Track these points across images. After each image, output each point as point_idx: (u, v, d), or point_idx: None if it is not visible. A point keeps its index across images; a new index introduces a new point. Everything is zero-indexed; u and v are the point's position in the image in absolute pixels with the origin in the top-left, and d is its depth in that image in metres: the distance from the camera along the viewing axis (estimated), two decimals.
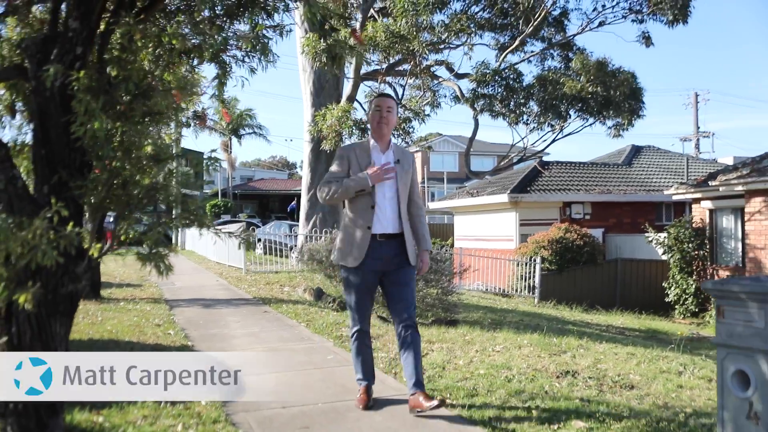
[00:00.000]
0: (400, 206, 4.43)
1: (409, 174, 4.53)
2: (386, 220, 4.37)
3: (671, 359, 6.90)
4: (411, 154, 4.68)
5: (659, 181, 24.44)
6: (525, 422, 4.22)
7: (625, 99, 14.34)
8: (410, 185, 4.55)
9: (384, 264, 4.36)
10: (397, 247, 4.40)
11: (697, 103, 43.95)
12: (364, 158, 4.44)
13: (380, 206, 4.36)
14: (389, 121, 4.49)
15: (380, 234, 4.35)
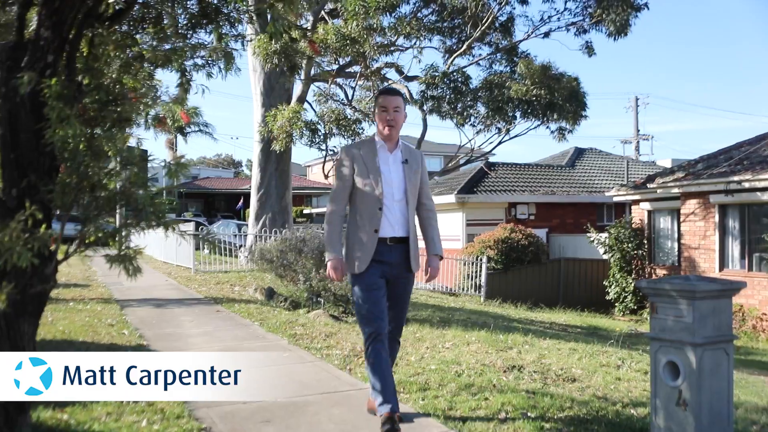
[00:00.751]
0: (409, 209, 4.18)
1: (417, 174, 4.25)
2: (395, 224, 4.13)
3: (611, 354, 7.27)
4: (419, 153, 4.40)
5: (601, 182, 25.19)
6: (475, 413, 4.49)
7: (569, 102, 14.81)
8: (419, 186, 4.29)
9: (390, 270, 4.14)
10: (404, 252, 4.18)
11: (638, 107, 45.36)
12: (370, 159, 4.17)
13: (389, 208, 4.12)
14: (397, 121, 4.20)
15: (390, 238, 4.12)
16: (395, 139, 4.25)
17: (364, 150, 4.22)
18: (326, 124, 16.17)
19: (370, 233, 4.09)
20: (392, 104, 4.20)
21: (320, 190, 51.22)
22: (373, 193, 4.11)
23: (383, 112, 4.20)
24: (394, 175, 4.17)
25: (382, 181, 4.11)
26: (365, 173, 4.14)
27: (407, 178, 4.18)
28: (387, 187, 4.12)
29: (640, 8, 14.36)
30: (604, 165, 27.80)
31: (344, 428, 4.21)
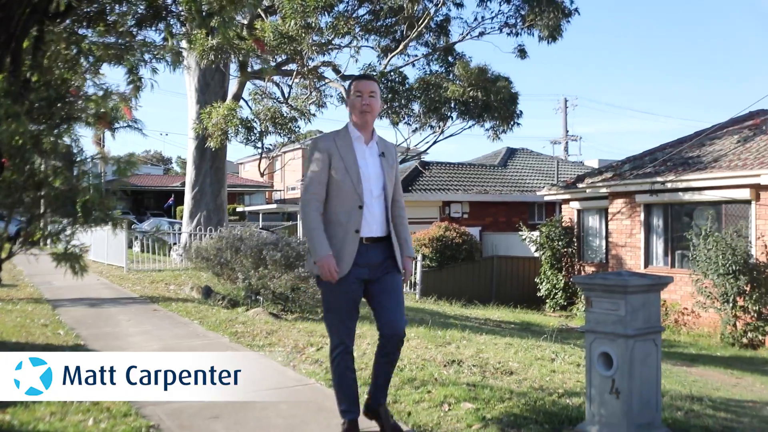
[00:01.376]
0: (387, 205, 3.87)
1: (393, 170, 3.94)
2: (374, 222, 3.81)
3: (544, 348, 7.54)
4: (394, 147, 4.10)
5: (532, 182, 25.81)
6: (419, 405, 4.63)
7: (503, 104, 15.19)
8: (395, 182, 4.00)
9: (371, 271, 3.82)
10: (385, 250, 3.87)
11: (566, 109, 46.53)
12: (347, 152, 3.80)
13: (368, 206, 3.78)
14: (373, 107, 3.86)
15: (367, 237, 3.79)
16: (371, 129, 3.92)
17: (339, 142, 3.83)
18: (262, 122, 16.12)
19: (351, 233, 3.73)
20: (367, 89, 3.85)
21: (253, 188, 50.79)
22: (352, 189, 3.75)
23: (358, 98, 3.84)
24: (372, 169, 3.83)
25: (360, 176, 3.77)
26: (342, 167, 3.76)
27: (385, 172, 3.86)
28: (365, 183, 3.77)
29: (570, 13, 14.83)
30: (535, 165, 28.50)
31: (292, 422, 4.29)
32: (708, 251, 12.75)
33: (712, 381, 7.10)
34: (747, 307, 12.46)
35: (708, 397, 5.66)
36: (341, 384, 3.93)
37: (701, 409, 5.07)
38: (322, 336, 7.35)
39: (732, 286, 12.44)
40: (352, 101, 3.88)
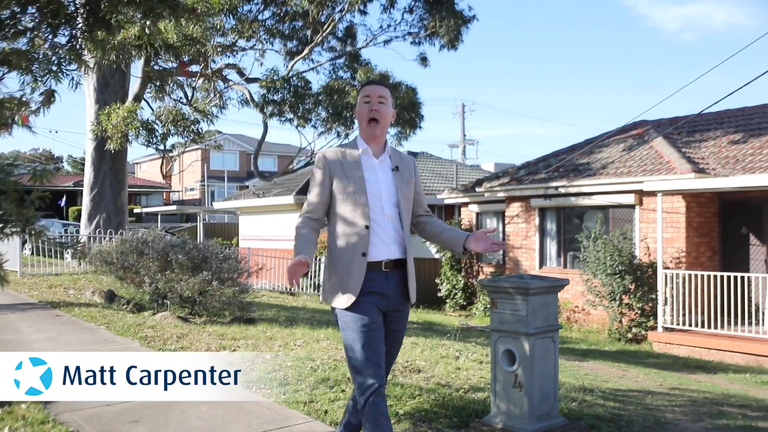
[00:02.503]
0: (403, 226, 3.43)
1: (411, 184, 3.52)
2: (387, 244, 3.37)
3: (448, 346, 7.91)
4: (412, 159, 3.64)
5: (432, 185, 26.43)
6: (335, 403, 4.85)
7: (406, 110, 15.59)
8: (416, 197, 3.60)
9: (386, 302, 3.37)
10: (401, 279, 3.45)
11: (464, 113, 47.73)
12: (352, 169, 3.39)
13: (379, 225, 3.35)
14: (383, 115, 3.44)
15: (385, 262, 3.36)
16: (381, 140, 3.49)
17: (344, 156, 3.42)
18: (164, 124, 15.90)
19: (357, 257, 3.29)
20: (376, 93, 3.45)
21: (150, 189, 49.53)
22: (357, 208, 3.34)
23: (365, 104, 3.44)
24: (383, 185, 3.40)
25: (367, 193, 3.35)
26: (346, 184, 3.36)
27: (399, 188, 3.42)
28: (374, 200, 3.35)
29: (469, 20, 15.37)
30: (435, 168, 29.18)
31: (214, 423, 4.42)
32: (597, 252, 13.54)
33: (602, 374, 7.65)
34: (632, 305, 13.32)
35: (598, 388, 6.15)
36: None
37: (593, 399, 5.53)
38: (233, 339, 7.47)
39: (618, 285, 13.26)
40: (359, 109, 3.47)
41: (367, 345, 3.24)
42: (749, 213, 13.39)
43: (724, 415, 5.48)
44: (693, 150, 14.76)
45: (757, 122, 15.28)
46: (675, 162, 13.63)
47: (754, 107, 16.25)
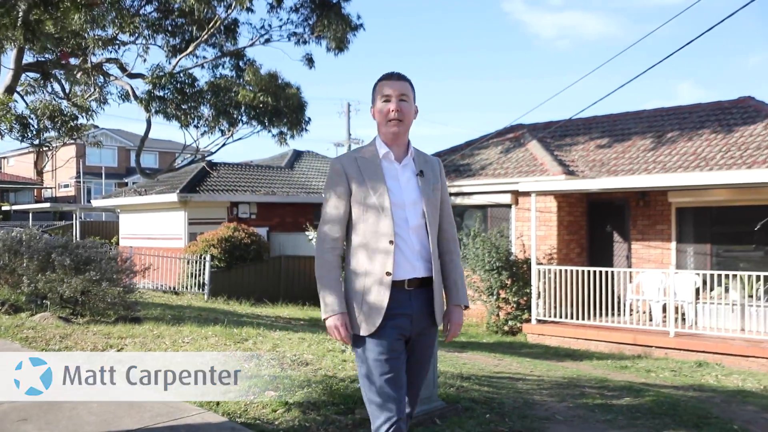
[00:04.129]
0: (430, 238, 3.01)
1: (438, 191, 3.10)
2: (414, 260, 2.97)
3: (334, 342, 8.19)
4: (437, 161, 3.22)
5: (318, 183, 26.67)
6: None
7: (293, 110, 15.75)
8: (441, 206, 3.15)
9: (410, 325, 2.98)
10: (427, 299, 3.01)
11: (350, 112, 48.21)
12: (373, 176, 2.99)
13: (403, 240, 2.96)
14: (405, 114, 3.05)
15: (408, 280, 2.96)
16: (404, 142, 3.11)
17: (362, 161, 3.04)
18: (39, 119, 15.33)
19: (381, 277, 2.91)
20: (398, 90, 3.04)
21: (20, 185, 47.11)
22: (380, 220, 2.95)
23: (385, 103, 3.05)
24: (407, 193, 3.01)
25: (391, 203, 2.96)
26: (366, 193, 2.97)
27: (425, 195, 3.03)
28: (398, 211, 2.96)
29: (357, 27, 15.72)
30: (320, 167, 29.44)
31: (106, 418, 4.50)
32: (476, 250, 14.20)
33: (479, 363, 8.16)
34: (508, 299, 14.07)
35: (475, 375, 6.61)
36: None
37: (469, 385, 5.97)
38: (120, 338, 7.44)
39: (496, 280, 13.98)
40: (379, 108, 3.07)
41: (389, 377, 2.90)
42: (613, 212, 14.44)
43: (584, 395, 6.06)
44: (564, 153, 15.73)
45: (620, 128, 16.47)
46: (548, 164, 14.51)
47: (618, 114, 17.48)
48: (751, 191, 12.40)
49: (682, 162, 13.45)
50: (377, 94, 3.08)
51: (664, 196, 13.60)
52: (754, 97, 15.38)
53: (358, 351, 3.00)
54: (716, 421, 5.48)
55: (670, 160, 13.71)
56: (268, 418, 4.60)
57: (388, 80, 3.07)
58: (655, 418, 5.34)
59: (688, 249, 13.53)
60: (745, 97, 15.45)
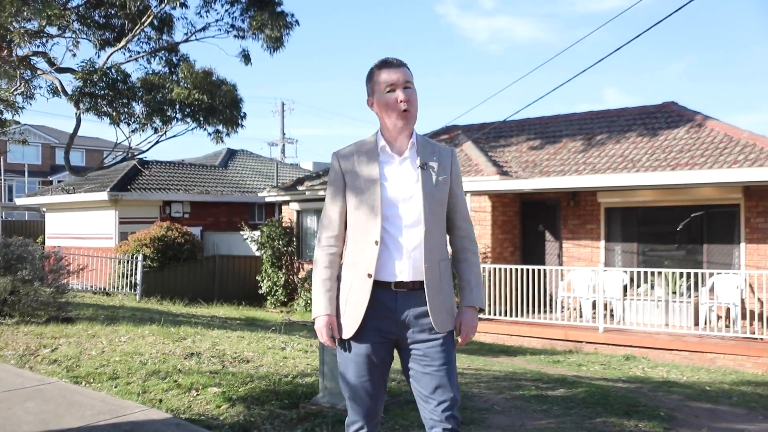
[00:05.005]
0: (432, 238, 2.78)
1: (445, 185, 2.86)
2: (402, 262, 2.77)
3: (274, 339, 8.21)
4: (449, 152, 2.95)
5: (252, 183, 26.47)
6: (169, 393, 5.00)
7: (228, 108, 15.59)
8: (453, 200, 2.92)
9: (402, 328, 2.79)
10: (421, 302, 2.78)
11: (284, 112, 47.94)
12: (367, 169, 2.83)
13: (394, 239, 2.77)
14: (414, 104, 2.84)
15: (395, 283, 2.77)
16: (409, 133, 2.87)
17: (359, 154, 2.87)
18: None
19: (362, 278, 2.77)
20: (402, 78, 2.81)
21: None
22: (369, 218, 2.78)
23: (390, 93, 2.80)
24: (403, 188, 2.81)
25: (381, 199, 2.78)
26: (358, 188, 2.82)
27: (426, 191, 2.80)
28: (389, 208, 2.77)
29: (292, 25, 15.64)
30: (255, 166, 29.22)
31: (45, 417, 4.42)
32: None
33: None
34: None
35: None
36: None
37: None
38: (53, 338, 7.29)
39: None
40: (385, 99, 2.81)
41: (359, 380, 2.79)
42: (545, 212, 14.83)
43: (521, 387, 6.24)
44: (498, 154, 16.06)
45: (552, 130, 16.92)
46: (482, 165, 14.79)
47: (550, 117, 17.95)
48: (675, 192, 12.95)
49: (610, 164, 13.91)
50: (377, 84, 2.83)
51: (594, 196, 14.05)
52: (677, 102, 16.03)
53: (338, 348, 2.86)
54: (644, 408, 5.74)
55: (600, 162, 14.17)
56: (213, 413, 4.60)
57: (389, 68, 2.83)
58: (588, 408, 5.55)
59: (616, 248, 14.01)
60: (669, 103, 16.10)
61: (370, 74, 2.89)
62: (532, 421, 4.94)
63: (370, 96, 2.90)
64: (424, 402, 2.76)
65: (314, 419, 4.51)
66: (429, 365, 2.74)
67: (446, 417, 2.71)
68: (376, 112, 2.89)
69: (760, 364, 10.36)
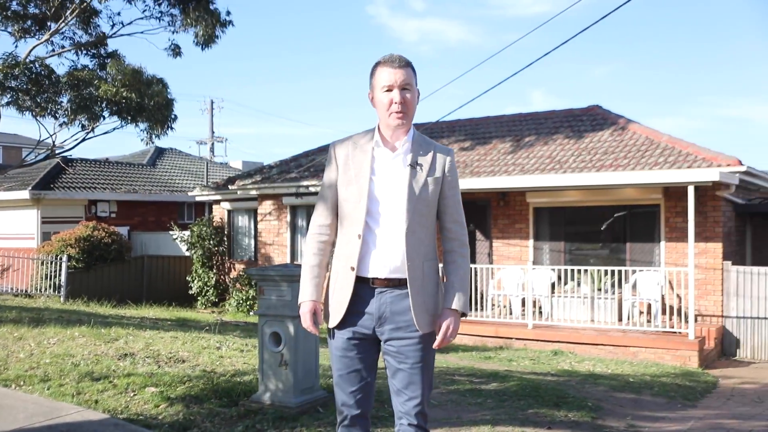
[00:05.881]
0: (416, 236, 2.80)
1: (437, 183, 2.88)
2: (384, 258, 2.80)
3: (208, 339, 8.15)
4: (445, 152, 2.95)
5: (181, 182, 26.05)
6: (105, 393, 4.93)
7: (158, 108, 15.29)
8: (444, 202, 2.93)
9: (379, 324, 2.82)
10: (404, 299, 2.80)
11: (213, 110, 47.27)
12: (359, 164, 2.86)
13: (375, 235, 2.80)
14: (410, 106, 2.84)
15: (374, 279, 2.81)
16: (404, 131, 2.89)
17: (353, 147, 2.90)
18: None
19: (346, 270, 2.82)
20: (400, 79, 2.81)
21: None
22: (355, 212, 2.83)
23: (386, 93, 2.83)
24: (390, 185, 2.83)
25: (367, 193, 2.81)
26: (348, 182, 2.86)
27: (412, 189, 2.81)
28: (374, 203, 2.81)
29: (226, 24, 15.47)
30: (184, 165, 28.76)
31: None
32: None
33: None
34: None
35: None
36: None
37: None
38: None
39: None
40: (379, 99, 2.85)
41: (344, 371, 2.86)
42: (476, 212, 15.09)
43: (455, 382, 6.40)
44: None
45: (482, 132, 17.26)
46: None
47: (480, 118, 18.30)
48: (600, 192, 13.40)
49: (539, 164, 14.29)
50: (377, 81, 2.85)
51: (523, 196, 14.40)
52: (601, 105, 16.59)
53: (328, 338, 2.93)
54: (573, 400, 5.98)
55: (528, 163, 14.54)
56: (151, 413, 4.57)
57: (390, 66, 2.83)
58: (520, 400, 5.74)
59: (544, 246, 14.40)
60: (594, 106, 16.64)
61: (373, 69, 2.91)
62: (467, 414, 5.08)
63: (370, 90, 2.93)
64: (396, 395, 2.84)
65: (255, 416, 4.54)
66: (403, 362, 2.79)
67: (415, 413, 2.79)
68: (374, 107, 2.92)
69: (679, 356, 10.84)
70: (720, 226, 12.44)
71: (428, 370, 2.85)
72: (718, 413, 6.74)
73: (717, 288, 12.36)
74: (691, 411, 6.73)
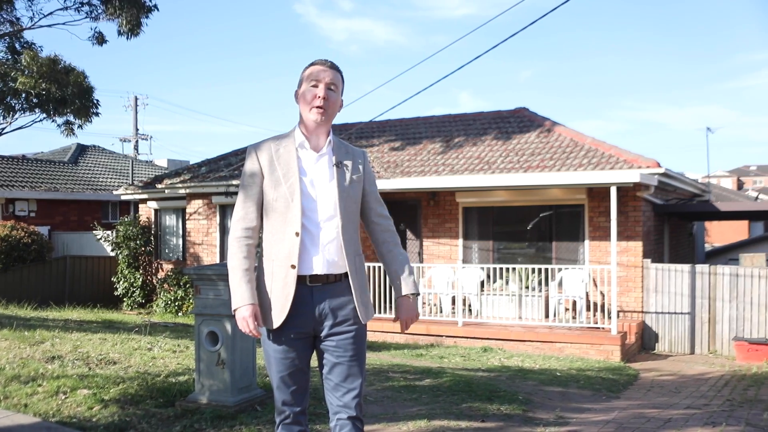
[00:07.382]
0: (347, 232, 2.92)
1: (358, 183, 3.00)
2: (323, 255, 2.87)
3: (138, 340, 8.00)
4: (362, 153, 3.11)
5: (105, 180, 25.39)
6: (34, 397, 4.80)
7: (79, 97, 14.86)
8: (366, 198, 3.07)
9: (318, 322, 2.88)
10: (341, 294, 2.90)
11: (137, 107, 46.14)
12: (285, 164, 2.90)
13: (310, 232, 2.86)
14: (331, 104, 2.93)
15: (310, 276, 2.86)
16: (325, 132, 2.98)
17: (278, 148, 2.94)
18: None
19: (285, 269, 2.85)
20: (326, 77, 2.91)
21: None
22: (287, 212, 2.87)
23: (312, 87, 2.92)
24: (320, 184, 2.92)
25: (300, 192, 2.87)
26: (276, 183, 2.89)
27: (341, 188, 2.92)
28: (308, 202, 2.87)
29: (150, 9, 15.08)
30: (108, 163, 28.03)
31: None
32: None
33: None
34: None
35: None
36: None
37: None
38: None
39: None
40: (304, 92, 2.94)
41: (282, 374, 2.89)
42: (407, 211, 15.26)
43: (390, 379, 6.48)
44: None
45: (412, 132, 17.44)
46: None
47: (410, 119, 18.48)
48: (527, 193, 13.75)
49: (468, 165, 14.55)
50: (305, 78, 2.95)
51: (453, 196, 14.63)
52: (528, 108, 17.01)
53: (263, 340, 2.94)
54: (504, 394, 6.14)
55: (458, 163, 14.79)
56: (85, 415, 4.47)
57: (321, 66, 2.95)
58: (454, 395, 5.87)
59: (473, 245, 14.66)
60: (521, 108, 17.05)
61: (305, 68, 2.99)
62: (403, 409, 5.17)
63: (297, 87, 3.00)
64: (333, 390, 2.87)
65: (192, 416, 4.51)
66: (341, 356, 2.85)
67: (354, 405, 2.86)
68: (298, 105, 2.98)
69: (602, 351, 11.23)
70: (640, 226, 12.94)
71: (364, 362, 2.95)
72: (640, 403, 7.04)
73: (638, 285, 12.85)
74: (614, 402, 7.01)
